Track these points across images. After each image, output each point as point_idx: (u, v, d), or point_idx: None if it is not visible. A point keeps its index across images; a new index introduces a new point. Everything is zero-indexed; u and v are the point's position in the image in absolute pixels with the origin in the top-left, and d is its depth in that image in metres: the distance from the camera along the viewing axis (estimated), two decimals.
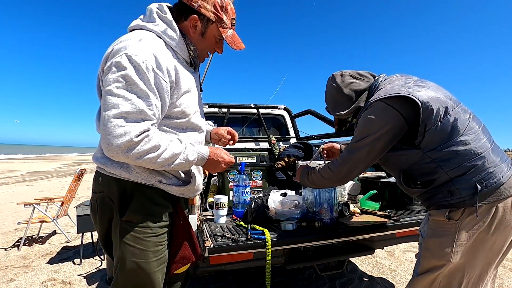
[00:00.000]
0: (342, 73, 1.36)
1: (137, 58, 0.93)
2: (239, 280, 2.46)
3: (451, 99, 1.14)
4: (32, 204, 3.45)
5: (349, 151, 1.20)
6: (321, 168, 1.30)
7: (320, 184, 1.35)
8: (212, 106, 3.29)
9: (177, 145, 1.02)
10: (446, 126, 1.08)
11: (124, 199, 1.06)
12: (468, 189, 1.04)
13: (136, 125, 0.91)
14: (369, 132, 1.13)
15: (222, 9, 1.11)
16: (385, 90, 1.17)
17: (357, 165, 1.19)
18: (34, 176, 13.56)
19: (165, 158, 0.98)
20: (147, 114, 0.94)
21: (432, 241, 1.14)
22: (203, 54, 1.20)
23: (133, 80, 0.92)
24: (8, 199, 6.89)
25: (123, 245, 1.03)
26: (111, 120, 0.89)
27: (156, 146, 0.95)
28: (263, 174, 2.13)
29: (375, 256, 2.99)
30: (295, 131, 3.65)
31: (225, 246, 1.32)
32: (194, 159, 1.06)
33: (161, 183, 1.08)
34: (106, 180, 1.08)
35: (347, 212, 1.75)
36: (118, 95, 0.90)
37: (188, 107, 1.11)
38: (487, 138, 1.11)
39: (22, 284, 2.50)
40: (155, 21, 1.08)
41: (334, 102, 1.36)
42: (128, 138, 0.89)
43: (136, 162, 0.96)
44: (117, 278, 1.07)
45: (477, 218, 1.04)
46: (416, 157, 1.14)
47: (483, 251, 1.08)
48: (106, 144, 0.90)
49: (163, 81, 0.99)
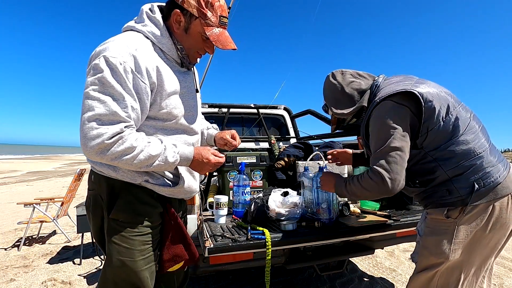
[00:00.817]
0: (342, 71, 1.35)
1: (114, 60, 0.93)
2: (239, 280, 2.46)
3: (453, 97, 1.15)
4: (32, 204, 3.45)
5: (378, 159, 1.11)
6: (361, 179, 1.17)
7: (367, 195, 1.19)
8: (212, 106, 3.29)
9: (155, 146, 1.00)
10: (448, 125, 1.09)
11: (112, 197, 1.07)
12: (466, 188, 1.06)
13: (109, 128, 0.91)
14: (390, 131, 1.09)
15: (207, 5, 1.06)
16: (389, 89, 1.16)
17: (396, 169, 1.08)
18: (34, 176, 13.56)
19: (141, 160, 0.97)
20: (121, 116, 0.93)
21: (430, 239, 1.15)
22: (191, 53, 1.15)
23: (109, 82, 0.92)
24: (8, 199, 6.89)
25: (110, 243, 1.05)
26: (85, 122, 0.90)
27: (130, 148, 0.94)
28: (263, 174, 2.13)
29: (375, 256, 2.99)
30: (295, 131, 3.64)
31: (225, 246, 1.32)
32: (175, 160, 1.04)
33: (148, 182, 1.08)
34: (97, 178, 1.10)
35: (347, 212, 1.76)
36: (93, 97, 0.91)
37: (176, 108, 1.09)
38: (485, 138, 1.13)
39: (22, 284, 2.50)
40: (144, 22, 1.08)
41: (335, 100, 1.33)
42: (100, 140, 0.90)
43: (113, 163, 0.97)
44: (105, 272, 1.08)
45: (469, 215, 1.06)
46: (418, 157, 1.14)
47: (479, 249, 1.10)
48: (82, 145, 0.92)
49: (142, 83, 0.98)
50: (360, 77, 1.32)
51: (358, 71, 1.34)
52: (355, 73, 1.34)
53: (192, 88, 1.21)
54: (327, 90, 1.37)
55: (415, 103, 1.09)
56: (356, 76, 1.33)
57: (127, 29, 1.10)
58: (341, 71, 1.35)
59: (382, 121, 1.11)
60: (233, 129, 1.46)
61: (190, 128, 1.19)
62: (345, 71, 1.35)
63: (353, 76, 1.33)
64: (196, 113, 1.23)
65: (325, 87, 1.38)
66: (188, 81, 1.18)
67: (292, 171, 2.39)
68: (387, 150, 1.09)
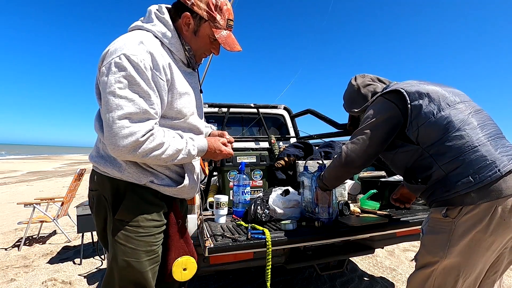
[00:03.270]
0: (364, 75, 1.49)
1: (135, 57, 0.94)
2: (239, 280, 2.46)
3: (456, 95, 1.18)
4: (32, 204, 3.45)
5: (352, 136, 1.29)
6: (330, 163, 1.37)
7: (334, 175, 1.39)
8: (212, 106, 3.29)
9: (179, 140, 1.05)
10: (440, 121, 1.12)
11: (117, 197, 1.07)
12: (462, 183, 1.04)
13: (141, 125, 0.93)
14: (368, 120, 1.24)
15: (216, 8, 1.10)
16: (389, 88, 1.29)
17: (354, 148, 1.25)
18: (34, 176, 13.57)
19: (169, 154, 1.01)
20: (150, 113, 0.96)
21: (428, 237, 1.16)
22: (198, 54, 1.19)
23: (135, 79, 0.93)
24: (8, 199, 6.90)
25: (115, 244, 1.05)
26: (116, 121, 0.91)
27: (160, 144, 0.98)
28: (263, 173, 2.13)
29: (375, 256, 3.00)
30: (295, 130, 3.64)
31: (225, 246, 1.32)
32: (195, 153, 1.10)
33: (153, 183, 1.08)
34: (100, 178, 1.10)
35: (347, 211, 1.76)
36: (120, 96, 0.92)
37: (185, 107, 1.11)
38: (486, 133, 1.10)
39: (22, 284, 2.50)
40: (153, 21, 1.10)
41: (351, 100, 1.47)
42: (135, 138, 0.92)
43: (142, 160, 0.99)
44: (110, 273, 1.08)
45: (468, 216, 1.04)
46: (417, 154, 1.18)
47: (480, 252, 1.06)
48: (112, 145, 0.92)
49: (161, 80, 1.01)
50: (378, 81, 1.45)
51: (380, 77, 1.48)
52: (375, 77, 1.47)
53: (197, 88, 1.23)
54: (346, 91, 1.52)
55: (403, 101, 1.19)
56: (375, 80, 1.46)
57: (135, 28, 1.11)
58: (363, 75, 1.49)
59: (368, 112, 1.27)
60: (233, 129, 1.47)
61: (197, 127, 1.21)
62: (366, 75, 1.49)
63: (372, 80, 1.46)
64: (201, 113, 1.26)
65: (346, 89, 1.54)
66: (193, 81, 1.21)
67: (292, 171, 2.39)
68: (356, 133, 1.27)
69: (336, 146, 2.51)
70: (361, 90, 1.42)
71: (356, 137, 1.26)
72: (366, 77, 1.47)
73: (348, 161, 1.26)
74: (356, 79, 1.47)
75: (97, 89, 1.05)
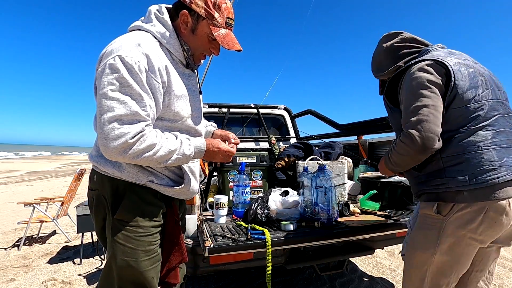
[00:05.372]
0: (398, 33, 1.31)
1: (130, 59, 0.94)
2: (239, 280, 2.46)
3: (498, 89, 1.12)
4: (32, 204, 3.45)
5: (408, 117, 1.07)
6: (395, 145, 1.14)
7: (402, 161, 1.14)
8: (212, 106, 3.29)
9: (172, 141, 1.03)
10: (468, 112, 1.05)
11: (116, 197, 1.07)
12: (458, 181, 1.02)
13: (131, 127, 0.93)
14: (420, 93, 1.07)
15: (214, 6, 1.08)
16: (429, 56, 1.15)
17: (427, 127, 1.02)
18: (34, 176, 13.56)
19: (161, 156, 0.99)
20: (141, 116, 0.95)
21: (417, 232, 1.15)
22: (197, 54, 1.17)
23: (127, 81, 0.93)
24: (8, 199, 6.89)
25: (114, 243, 1.05)
26: (106, 123, 0.91)
27: (151, 145, 0.96)
28: (263, 174, 2.13)
29: (375, 256, 2.99)
30: (295, 131, 3.65)
31: (225, 246, 1.32)
32: (191, 153, 1.07)
33: (153, 183, 1.08)
34: (100, 178, 1.10)
35: (347, 212, 1.76)
36: (112, 97, 0.92)
37: (182, 109, 1.11)
38: (504, 138, 1.06)
39: (22, 284, 2.50)
40: (152, 22, 1.09)
41: (378, 63, 1.34)
42: (124, 140, 0.91)
43: (134, 161, 0.98)
44: (109, 272, 1.08)
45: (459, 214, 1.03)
46: None
47: (469, 251, 1.07)
48: (103, 146, 0.93)
49: (156, 82, 1.00)
50: (413, 42, 1.29)
51: (416, 37, 1.30)
52: (411, 38, 1.29)
53: (196, 89, 1.22)
54: (374, 53, 1.37)
55: (447, 77, 1.07)
56: (409, 40, 1.29)
57: (134, 28, 1.10)
58: (396, 33, 1.32)
59: (416, 80, 1.09)
60: (233, 129, 1.46)
61: (195, 129, 1.20)
62: (401, 33, 1.31)
63: (404, 40, 1.29)
64: (200, 115, 1.25)
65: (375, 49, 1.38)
66: (192, 82, 1.20)
67: (292, 171, 2.40)
68: (418, 108, 1.05)
69: (336, 146, 2.50)
70: (390, 53, 1.28)
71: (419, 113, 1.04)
72: (399, 36, 1.30)
73: (428, 143, 1.02)
74: (388, 39, 1.31)
75: (95, 89, 1.05)
